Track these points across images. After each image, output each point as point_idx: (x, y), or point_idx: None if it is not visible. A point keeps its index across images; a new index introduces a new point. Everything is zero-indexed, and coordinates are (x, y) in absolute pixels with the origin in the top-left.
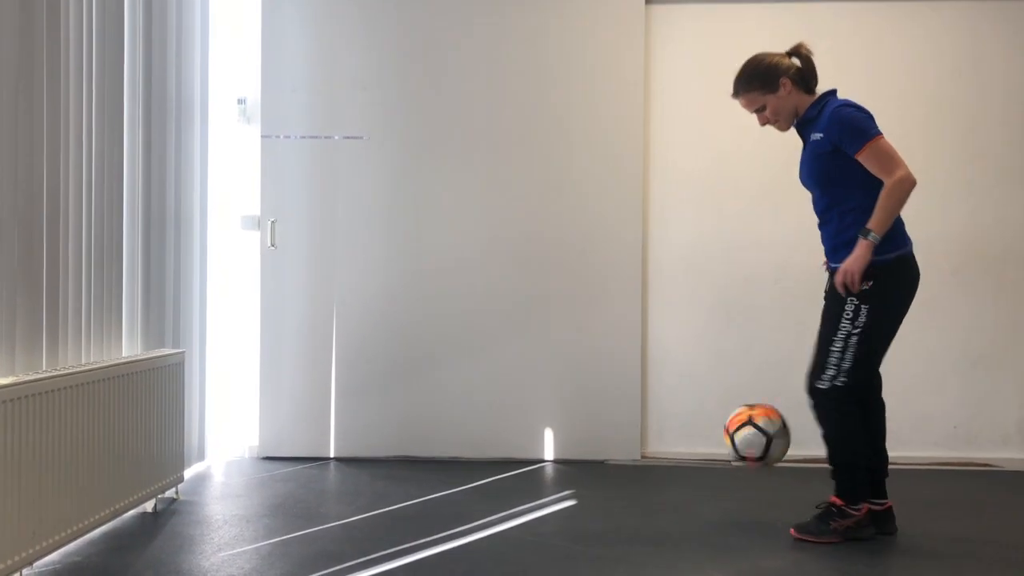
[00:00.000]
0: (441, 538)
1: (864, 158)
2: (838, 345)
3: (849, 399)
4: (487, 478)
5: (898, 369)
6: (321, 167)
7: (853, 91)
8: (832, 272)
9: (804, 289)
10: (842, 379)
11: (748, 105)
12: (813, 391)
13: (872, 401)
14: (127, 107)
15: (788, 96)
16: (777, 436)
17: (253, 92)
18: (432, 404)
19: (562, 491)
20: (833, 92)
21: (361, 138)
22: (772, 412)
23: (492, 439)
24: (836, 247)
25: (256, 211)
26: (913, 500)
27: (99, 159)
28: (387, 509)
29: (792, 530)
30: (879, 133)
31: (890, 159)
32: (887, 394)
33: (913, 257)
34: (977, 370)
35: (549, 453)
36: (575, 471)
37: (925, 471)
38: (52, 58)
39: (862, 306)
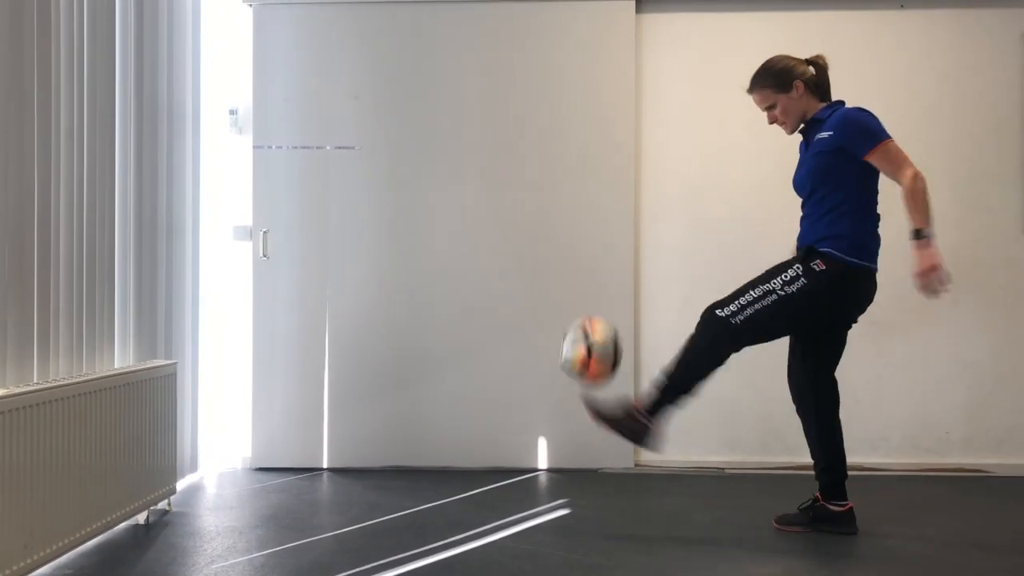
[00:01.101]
0: (435, 548)
1: (875, 159)
2: (756, 293)
3: (727, 340)
4: (481, 487)
5: (890, 375)
6: (313, 177)
7: (842, 96)
8: (798, 251)
9: None
10: (737, 319)
11: (760, 101)
12: (707, 311)
13: (826, 387)
14: (119, 118)
15: (799, 99)
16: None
17: (245, 102)
18: (425, 413)
19: (556, 500)
20: (843, 102)
21: (353, 148)
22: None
23: (485, 448)
24: (813, 231)
25: (248, 221)
26: (905, 507)
27: (90, 170)
28: (380, 519)
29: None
30: (889, 136)
31: (900, 159)
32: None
33: (868, 277)
34: (969, 376)
35: (542, 462)
36: (569, 480)
37: (917, 477)
38: (43, 67)
39: (801, 278)
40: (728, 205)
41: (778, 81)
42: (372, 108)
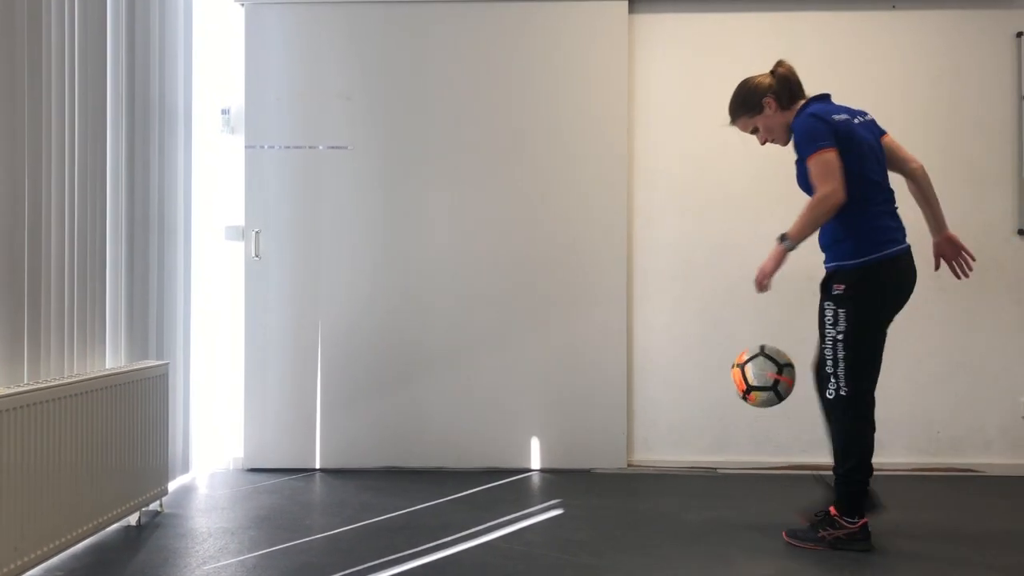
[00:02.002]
0: (428, 549)
1: (809, 166)
2: (829, 352)
3: (853, 410)
4: (473, 488)
5: (881, 374)
6: (305, 177)
7: (833, 96)
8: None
9: (787, 295)
10: (844, 388)
11: (743, 128)
12: (822, 400)
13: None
14: (110, 118)
15: (775, 114)
16: (756, 355)
17: (237, 102)
18: (418, 414)
19: (549, 500)
20: (811, 100)
21: (346, 148)
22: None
23: (478, 449)
24: (824, 247)
25: (240, 222)
26: (897, 507)
27: (82, 170)
28: (373, 520)
29: (784, 533)
30: (826, 146)
31: (825, 174)
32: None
33: (890, 261)
34: (959, 375)
35: (535, 462)
36: (561, 480)
37: (908, 477)
38: (33, 68)
39: (839, 310)
40: (720, 205)
41: (748, 105)
42: (365, 108)
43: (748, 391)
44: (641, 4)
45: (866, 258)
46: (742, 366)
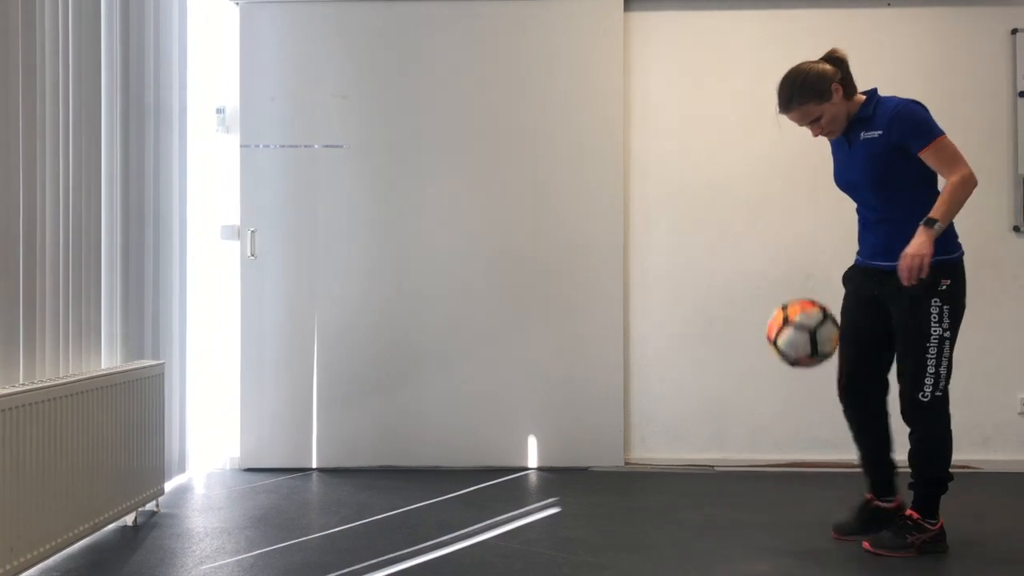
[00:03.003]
0: (425, 548)
1: (928, 155)
2: (932, 351)
3: (946, 410)
4: (471, 487)
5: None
6: (301, 176)
7: (874, 86)
8: (878, 272)
9: (783, 296)
10: (942, 386)
11: (802, 118)
12: (916, 406)
13: (882, 406)
14: (104, 117)
15: (841, 102)
16: (820, 326)
17: (232, 101)
18: (415, 413)
19: (546, 498)
20: (876, 90)
21: (341, 147)
22: (807, 304)
23: (475, 447)
24: (899, 249)
25: (236, 221)
26: None
27: (76, 169)
28: (370, 519)
29: (866, 543)
30: (943, 132)
31: (956, 155)
32: None
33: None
34: (956, 372)
35: (533, 460)
36: (559, 478)
37: (905, 473)
38: (27, 67)
39: (944, 306)
40: (717, 203)
41: (818, 91)
42: (360, 107)
43: (792, 362)
44: (636, 2)
45: (961, 252)
46: (775, 343)
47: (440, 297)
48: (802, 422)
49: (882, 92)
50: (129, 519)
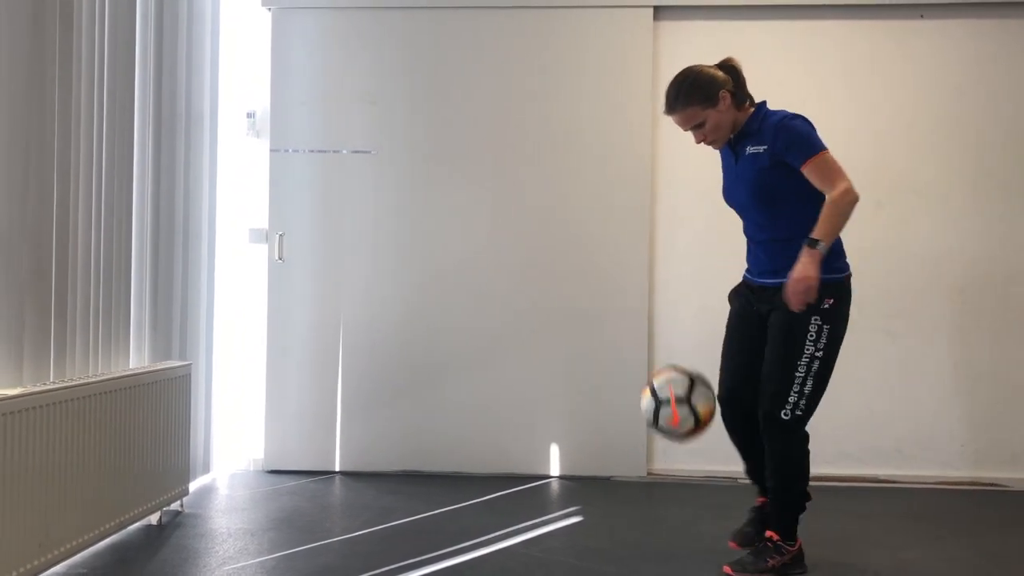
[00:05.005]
0: (447, 553)
1: (808, 170)
2: (801, 370)
3: (804, 431)
4: (493, 493)
5: (904, 386)
6: (329, 181)
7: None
8: (762, 290)
9: None
10: (803, 406)
11: (685, 122)
12: (772, 421)
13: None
14: (137, 121)
15: (727, 111)
16: (692, 391)
17: (262, 106)
18: (438, 418)
19: (568, 507)
20: (764, 103)
21: (369, 152)
22: (665, 372)
23: (498, 454)
24: (785, 258)
25: (264, 224)
26: (920, 519)
27: (108, 172)
28: (392, 524)
29: (727, 568)
30: (825, 147)
31: (837, 170)
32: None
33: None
34: (983, 388)
35: (555, 469)
36: (581, 487)
37: (931, 490)
38: (64, 72)
39: (824, 326)
40: None
41: (705, 95)
42: (388, 113)
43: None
44: (665, 12)
45: (848, 272)
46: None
47: (465, 303)
48: (827, 436)
49: (914, 104)
50: (154, 518)
